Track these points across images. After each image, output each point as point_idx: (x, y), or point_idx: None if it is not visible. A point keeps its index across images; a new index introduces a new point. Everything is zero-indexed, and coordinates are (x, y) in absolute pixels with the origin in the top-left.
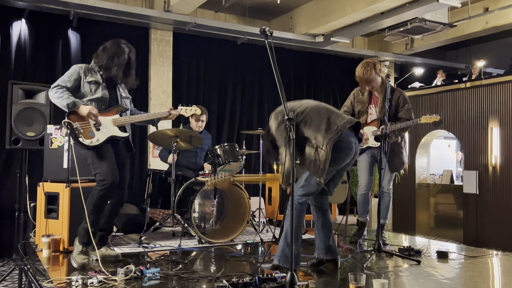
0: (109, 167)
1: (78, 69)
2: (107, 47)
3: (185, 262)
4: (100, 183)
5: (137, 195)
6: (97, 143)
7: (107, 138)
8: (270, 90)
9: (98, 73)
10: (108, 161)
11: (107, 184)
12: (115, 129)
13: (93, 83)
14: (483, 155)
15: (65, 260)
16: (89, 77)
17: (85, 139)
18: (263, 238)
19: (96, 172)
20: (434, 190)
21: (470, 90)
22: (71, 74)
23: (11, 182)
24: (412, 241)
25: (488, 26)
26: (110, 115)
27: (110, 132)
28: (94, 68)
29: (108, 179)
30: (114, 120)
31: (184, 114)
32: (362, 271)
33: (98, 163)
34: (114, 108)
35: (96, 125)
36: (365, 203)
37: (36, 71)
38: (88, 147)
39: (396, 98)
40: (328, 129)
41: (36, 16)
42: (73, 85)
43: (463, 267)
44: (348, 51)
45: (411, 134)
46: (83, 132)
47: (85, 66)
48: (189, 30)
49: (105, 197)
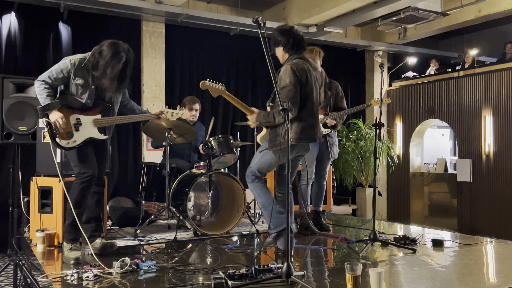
0: (88, 160)
1: (69, 66)
2: (104, 52)
3: (181, 254)
4: (80, 176)
5: (132, 188)
6: (73, 144)
7: (84, 140)
8: (264, 81)
9: (90, 73)
10: (87, 157)
11: (87, 176)
12: (94, 130)
13: (80, 86)
14: (476, 144)
15: (60, 254)
16: (78, 79)
17: (62, 140)
18: (259, 229)
19: (74, 165)
20: (428, 179)
21: (463, 79)
22: (61, 71)
23: (4, 177)
24: (407, 230)
25: (481, 14)
26: (92, 114)
27: (88, 134)
28: (88, 66)
29: (88, 171)
30: (96, 121)
31: (169, 118)
32: (358, 260)
33: (77, 158)
34: (97, 107)
35: (76, 125)
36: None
37: (27, 65)
38: (64, 148)
39: (335, 88)
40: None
41: (26, 9)
42: (60, 83)
43: (458, 255)
44: (341, 41)
45: (405, 123)
46: (61, 132)
47: (78, 62)
48: (181, 21)
49: (86, 189)
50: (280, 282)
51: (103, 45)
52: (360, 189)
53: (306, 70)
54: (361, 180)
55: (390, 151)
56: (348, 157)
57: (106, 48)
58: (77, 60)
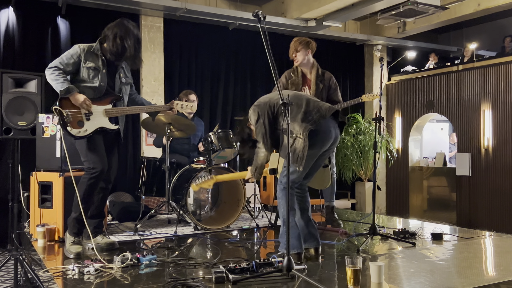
0: (99, 155)
1: (79, 51)
2: (116, 30)
3: (182, 248)
4: (90, 171)
5: (132, 183)
6: (84, 133)
7: (95, 129)
8: (263, 75)
9: (99, 58)
10: (97, 150)
11: (97, 172)
12: (105, 120)
13: (92, 69)
14: (475, 138)
15: (61, 249)
16: (89, 62)
17: (73, 129)
18: (259, 224)
19: (84, 159)
20: (427, 173)
21: (462, 72)
22: (71, 56)
23: (3, 172)
24: (406, 224)
25: (480, 8)
26: (103, 104)
27: (99, 123)
28: (97, 52)
29: (97, 167)
30: (106, 111)
31: (179, 110)
32: (358, 254)
33: (87, 151)
34: (108, 97)
35: (87, 114)
36: None
37: (26, 60)
38: (75, 137)
39: (327, 79)
40: (305, 119)
41: (24, 3)
42: (71, 69)
43: (458, 248)
44: (340, 35)
45: (404, 117)
46: (72, 120)
47: (87, 47)
48: (180, 16)
49: (95, 185)
50: (281, 276)
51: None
52: (359, 183)
53: None
54: (360, 174)
55: (389, 145)
56: (347, 152)
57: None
58: (86, 46)
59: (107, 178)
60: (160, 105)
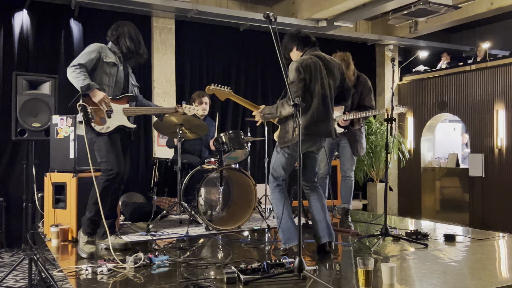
0: (117, 156)
1: (98, 47)
2: (127, 29)
3: (193, 249)
4: (107, 172)
5: (144, 183)
6: (107, 130)
7: (116, 126)
8: (274, 76)
9: (115, 55)
10: (116, 151)
11: (113, 174)
12: (124, 118)
13: (111, 65)
14: (489, 138)
15: (74, 249)
16: (108, 58)
17: (97, 125)
18: (270, 224)
19: (102, 160)
20: (440, 174)
21: (475, 72)
22: (91, 52)
23: (18, 173)
24: (418, 225)
25: (493, 7)
26: (121, 103)
27: (120, 121)
28: (112, 48)
29: (114, 169)
30: (125, 110)
31: (187, 113)
32: (370, 255)
33: (106, 152)
34: (125, 97)
35: (108, 112)
36: (323, 187)
37: (39, 62)
38: (98, 133)
39: (361, 84)
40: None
41: (38, 6)
42: (93, 65)
43: (470, 249)
44: (351, 35)
45: (416, 117)
46: (96, 117)
47: (104, 45)
48: (191, 17)
49: (110, 187)
50: (292, 277)
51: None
52: (371, 184)
53: (312, 66)
54: (372, 175)
55: (401, 145)
56: None
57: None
58: (102, 44)
59: (120, 179)
60: (167, 107)
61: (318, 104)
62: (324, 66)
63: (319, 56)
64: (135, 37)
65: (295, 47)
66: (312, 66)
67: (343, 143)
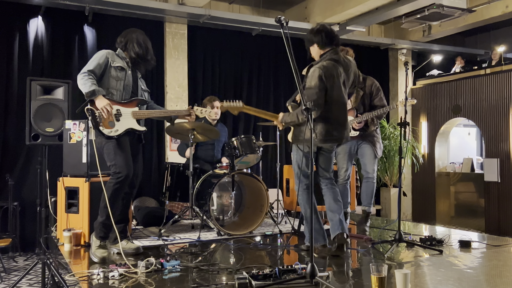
0: (125, 159)
1: (105, 53)
2: (123, 32)
3: (205, 254)
4: (115, 175)
5: (156, 188)
6: (115, 133)
7: (125, 129)
8: (286, 81)
9: (124, 60)
10: (125, 154)
11: (122, 177)
12: (133, 121)
13: (119, 69)
14: (504, 143)
15: (86, 253)
16: (116, 62)
17: (105, 128)
18: (282, 230)
19: (111, 163)
20: (454, 179)
21: (490, 76)
22: (99, 58)
23: (32, 178)
24: (433, 231)
25: (509, 10)
26: (130, 106)
27: (129, 124)
28: (121, 55)
29: (123, 172)
30: (134, 113)
31: (198, 115)
32: (384, 261)
33: (115, 155)
34: (135, 100)
35: (116, 115)
36: (344, 193)
37: (54, 67)
38: (107, 136)
39: (369, 86)
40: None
41: (52, 13)
42: (102, 70)
43: (486, 256)
44: (364, 40)
45: (430, 122)
46: (104, 120)
47: (111, 51)
48: (204, 22)
49: (120, 190)
50: (304, 283)
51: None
52: (384, 189)
53: (334, 75)
54: (385, 180)
55: (415, 150)
56: None
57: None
58: (110, 50)
59: (131, 183)
60: (180, 110)
61: (336, 110)
62: (344, 71)
63: (339, 60)
64: (143, 43)
65: (316, 43)
66: (335, 74)
67: (363, 145)
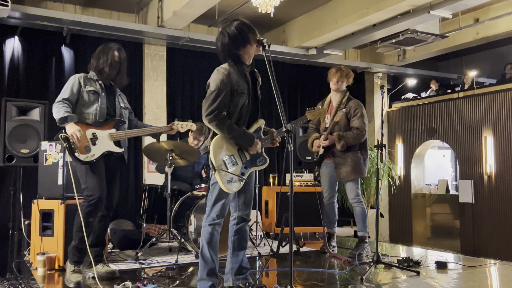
0: (98, 182)
1: (77, 78)
2: (96, 51)
3: (183, 278)
4: (87, 198)
5: (133, 210)
6: (92, 158)
7: (102, 153)
8: (265, 103)
9: (97, 83)
10: (97, 176)
11: (94, 199)
12: (110, 144)
13: (92, 93)
14: (478, 164)
15: (61, 278)
16: (88, 87)
17: (81, 154)
18: (261, 252)
19: (84, 186)
20: (430, 200)
21: (463, 100)
22: (72, 84)
23: (4, 200)
24: (410, 252)
25: (479, 36)
26: (107, 129)
27: (105, 147)
28: (93, 77)
29: (95, 194)
30: (111, 135)
31: (179, 130)
32: (362, 283)
33: (86, 177)
34: (111, 122)
35: (92, 139)
36: (330, 213)
37: (30, 88)
38: (83, 162)
39: (348, 107)
40: None
41: (30, 33)
42: (75, 96)
43: (462, 277)
44: (341, 63)
45: (405, 144)
46: (79, 146)
47: (84, 75)
48: (183, 44)
49: (93, 213)
50: None
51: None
52: None
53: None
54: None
55: (392, 172)
56: None
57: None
58: (82, 74)
59: (108, 205)
60: (161, 126)
61: None
62: None
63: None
64: (115, 63)
65: None
66: None
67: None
